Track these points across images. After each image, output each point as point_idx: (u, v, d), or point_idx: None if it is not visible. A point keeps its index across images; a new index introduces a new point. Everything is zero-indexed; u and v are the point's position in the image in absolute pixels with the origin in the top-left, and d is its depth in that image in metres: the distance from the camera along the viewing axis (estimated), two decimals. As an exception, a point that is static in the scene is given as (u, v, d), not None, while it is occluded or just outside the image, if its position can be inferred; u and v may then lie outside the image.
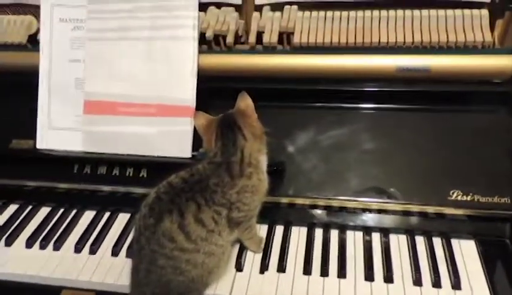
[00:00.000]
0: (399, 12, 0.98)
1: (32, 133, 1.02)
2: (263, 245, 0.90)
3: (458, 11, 0.96)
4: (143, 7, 1.00)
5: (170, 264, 0.77)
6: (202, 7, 1.02)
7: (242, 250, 0.90)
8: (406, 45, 0.96)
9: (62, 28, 1.04)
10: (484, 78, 0.91)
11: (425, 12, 0.97)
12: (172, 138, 0.97)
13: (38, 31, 1.10)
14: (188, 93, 0.97)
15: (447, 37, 0.94)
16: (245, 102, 0.86)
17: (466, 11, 0.95)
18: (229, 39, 1.02)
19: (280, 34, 1.02)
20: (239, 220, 0.83)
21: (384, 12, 0.99)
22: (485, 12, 0.95)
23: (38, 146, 1.02)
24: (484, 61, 0.90)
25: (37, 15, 1.11)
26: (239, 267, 0.87)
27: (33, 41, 1.10)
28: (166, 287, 0.78)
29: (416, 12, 0.97)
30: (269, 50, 1.01)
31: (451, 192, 0.88)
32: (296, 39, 1.00)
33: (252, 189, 0.83)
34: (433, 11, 0.97)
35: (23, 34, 1.11)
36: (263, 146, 0.86)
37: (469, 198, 0.87)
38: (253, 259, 0.89)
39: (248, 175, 0.82)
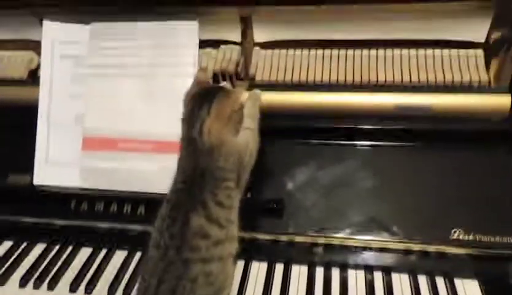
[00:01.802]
0: (397, 51, 1.00)
1: (29, 169, 1.01)
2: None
3: (453, 51, 0.98)
4: (144, 44, 1.01)
5: (205, 271, 0.73)
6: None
7: (242, 289, 0.88)
8: (404, 84, 0.97)
9: (63, 64, 1.05)
10: (483, 117, 0.92)
11: (421, 51, 0.99)
12: (170, 175, 0.96)
13: (39, 66, 1.10)
14: (187, 130, 0.97)
15: (444, 77, 0.96)
16: (237, 88, 0.83)
17: (462, 51, 0.97)
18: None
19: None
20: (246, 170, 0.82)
21: (381, 51, 1.00)
22: (480, 52, 0.97)
23: (35, 182, 1.01)
24: (481, 99, 0.91)
25: (37, 51, 1.11)
26: (239, 307, 0.86)
27: (33, 76, 1.11)
28: None
29: (413, 51, 0.99)
30: (269, 86, 1.02)
31: (452, 230, 0.87)
32: (295, 77, 1.01)
33: (232, 152, 0.80)
34: (429, 51, 0.99)
35: (24, 69, 1.11)
36: (229, 131, 0.82)
37: (471, 237, 0.86)
38: (253, 298, 0.87)
39: (218, 146, 0.79)
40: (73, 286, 0.91)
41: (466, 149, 0.93)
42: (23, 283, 0.92)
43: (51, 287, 0.91)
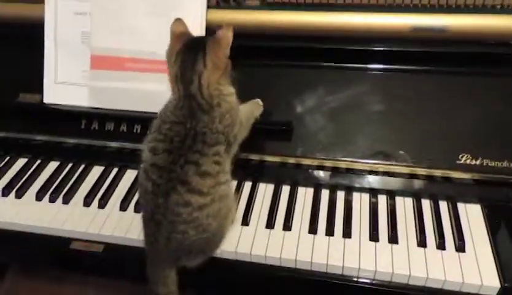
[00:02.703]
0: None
1: (39, 88, 1.02)
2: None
3: (477, -31, 0.92)
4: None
5: (192, 226, 0.77)
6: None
7: (248, 210, 0.91)
8: (422, 3, 0.93)
9: (68, -21, 1.01)
10: (502, 39, 0.88)
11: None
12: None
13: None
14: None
15: (465, -4, 0.91)
16: (225, 33, 0.80)
17: (486, -31, 0.92)
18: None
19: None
20: (237, 140, 0.83)
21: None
22: (506, -30, 0.91)
23: (45, 100, 1.02)
24: (503, 21, 0.87)
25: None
26: (245, 224, 0.89)
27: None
28: (189, 248, 0.79)
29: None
30: (279, 5, 0.98)
31: (460, 155, 0.87)
32: (308, -4, 0.97)
33: (228, 108, 0.80)
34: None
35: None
36: (225, 81, 0.81)
37: (478, 162, 0.86)
38: (258, 217, 0.90)
39: (216, 104, 0.78)
40: (87, 201, 0.94)
41: (478, 74, 0.91)
42: (39, 196, 0.96)
43: (66, 201, 0.95)
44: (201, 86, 0.77)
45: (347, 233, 0.86)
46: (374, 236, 0.85)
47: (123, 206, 0.93)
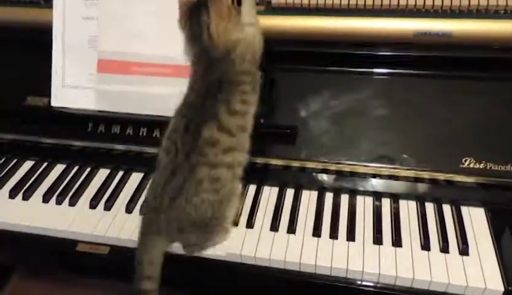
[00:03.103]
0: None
1: (46, 91, 1.03)
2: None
3: (481, -26, 0.93)
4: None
5: (211, 175, 0.78)
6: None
7: (252, 212, 0.92)
8: (426, 8, 0.93)
9: (76, -15, 1.03)
10: (506, 44, 0.88)
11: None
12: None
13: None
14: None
15: (469, 1, 0.91)
16: None
17: (490, -26, 0.92)
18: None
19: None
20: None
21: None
22: (510, -25, 0.92)
23: (52, 104, 1.03)
24: (507, 26, 0.88)
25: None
26: (250, 227, 0.89)
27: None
28: (190, 219, 0.79)
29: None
30: (284, 10, 0.99)
31: (464, 159, 0.87)
32: (312, 1, 0.97)
33: (247, 47, 0.83)
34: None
35: (37, -10, 1.10)
36: (233, 27, 0.83)
37: (481, 165, 0.87)
38: (263, 220, 0.91)
39: (233, 47, 0.82)
40: (93, 203, 0.95)
41: (481, 78, 0.91)
42: (46, 198, 0.97)
43: (72, 203, 0.96)
44: (211, 36, 0.81)
45: (351, 237, 0.86)
46: (378, 240, 0.86)
47: (129, 209, 0.94)
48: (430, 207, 0.91)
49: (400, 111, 0.92)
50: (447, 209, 0.91)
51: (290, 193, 0.96)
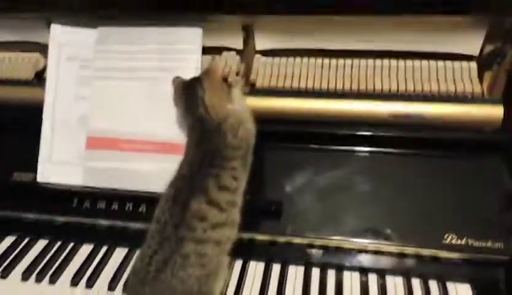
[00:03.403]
0: (393, 62, 1.03)
1: (33, 167, 1.03)
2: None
3: (448, 63, 1.01)
4: (149, 49, 1.04)
5: (198, 251, 0.78)
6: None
7: (238, 290, 0.90)
8: (400, 93, 1.01)
9: (69, 66, 1.07)
10: (475, 126, 0.95)
11: (417, 63, 1.02)
12: (172, 175, 0.98)
13: (45, 68, 1.13)
14: (189, 132, 0.99)
15: (439, 87, 0.99)
16: (213, 61, 0.92)
17: (456, 64, 1.01)
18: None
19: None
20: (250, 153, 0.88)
21: (378, 61, 1.04)
22: (473, 65, 1.00)
23: (38, 179, 1.03)
24: (474, 110, 0.95)
25: (43, 53, 1.14)
26: (236, 306, 0.87)
27: (39, 78, 1.13)
28: (172, 293, 0.78)
29: (409, 62, 1.03)
30: (267, 92, 1.05)
31: (445, 235, 0.90)
32: (294, 84, 1.04)
33: (238, 123, 0.87)
34: (424, 62, 1.02)
35: (30, 70, 1.14)
36: (228, 101, 0.89)
37: (463, 242, 0.89)
38: (250, 298, 0.89)
39: (224, 118, 0.86)
40: (75, 281, 0.92)
41: (459, 157, 0.96)
42: (26, 276, 0.94)
43: (52, 281, 0.93)
44: (206, 107, 0.86)
45: (339, 314, 0.85)
46: (366, 317, 0.85)
47: (112, 287, 0.91)
48: (416, 283, 0.92)
49: (382, 188, 0.96)
50: (433, 285, 0.91)
51: (276, 268, 0.95)
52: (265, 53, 1.10)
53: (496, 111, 0.94)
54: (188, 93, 0.89)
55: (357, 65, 1.04)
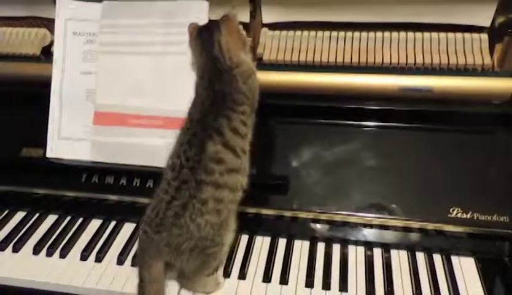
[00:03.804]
0: (402, 34, 1.01)
1: (42, 142, 1.04)
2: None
3: (459, 35, 0.99)
4: (155, 23, 1.03)
5: (216, 196, 0.79)
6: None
7: (245, 263, 0.92)
8: (408, 66, 0.99)
9: (76, 41, 1.07)
10: (484, 99, 0.94)
11: (426, 35, 1.00)
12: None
13: (51, 43, 1.13)
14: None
15: (448, 59, 0.97)
16: (231, 11, 0.91)
17: (467, 35, 0.99)
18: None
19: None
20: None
21: (387, 34, 1.02)
22: (484, 36, 0.98)
23: (47, 155, 1.04)
24: (484, 83, 0.93)
25: (50, 28, 1.14)
26: (242, 278, 0.89)
27: (46, 53, 1.14)
28: (190, 238, 0.79)
29: (418, 34, 1.01)
30: (275, 67, 1.04)
31: (451, 209, 0.90)
32: (302, 58, 1.03)
33: (249, 72, 0.88)
34: (434, 34, 1.00)
35: (37, 46, 1.14)
36: (244, 48, 0.91)
37: (468, 215, 0.89)
38: (255, 271, 0.90)
39: (236, 65, 0.87)
40: (84, 255, 0.94)
41: (466, 131, 0.95)
42: (37, 250, 0.96)
43: (63, 255, 0.95)
44: (222, 48, 0.86)
45: (343, 287, 0.86)
46: (370, 290, 0.86)
47: (120, 260, 0.93)
48: (420, 257, 0.92)
49: (388, 162, 0.95)
50: (437, 258, 0.92)
51: (282, 243, 0.96)
52: (272, 26, 1.09)
53: (506, 84, 0.93)
54: (205, 34, 0.89)
55: (365, 38, 1.03)
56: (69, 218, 1.04)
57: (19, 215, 1.06)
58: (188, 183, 0.79)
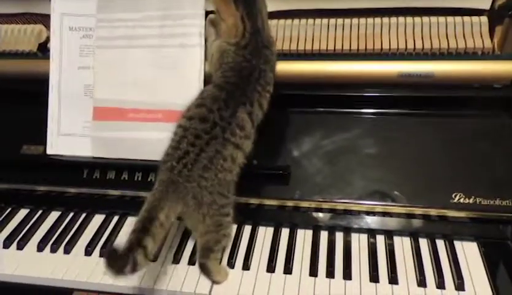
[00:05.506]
0: (401, 19, 1.00)
1: (42, 139, 1.04)
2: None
3: (458, 18, 0.98)
4: (151, 16, 1.02)
5: (232, 155, 0.82)
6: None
7: (248, 254, 0.92)
8: (408, 51, 0.98)
9: (72, 36, 1.06)
10: (485, 83, 0.93)
11: (425, 19, 0.99)
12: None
13: (48, 39, 1.13)
14: (194, 99, 0.99)
15: (448, 44, 0.97)
16: None
17: (466, 18, 0.98)
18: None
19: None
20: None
21: (385, 19, 1.01)
22: (484, 19, 0.97)
23: (48, 152, 1.04)
24: (484, 66, 0.93)
25: (46, 24, 1.13)
26: (246, 268, 0.89)
27: (43, 49, 1.13)
28: (211, 193, 0.81)
29: (417, 19, 1.00)
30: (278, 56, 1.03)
31: (453, 194, 0.90)
32: (300, 46, 1.02)
33: (275, 52, 0.91)
34: (433, 18, 0.99)
35: (33, 42, 1.13)
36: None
37: (471, 200, 0.89)
38: (259, 262, 0.91)
39: (272, 42, 0.90)
40: (88, 250, 0.95)
41: (468, 116, 0.95)
42: (41, 247, 0.96)
43: (67, 251, 0.95)
44: (264, 22, 0.88)
45: (347, 275, 0.87)
46: (374, 277, 0.86)
47: (125, 254, 0.93)
48: (423, 243, 0.92)
49: (389, 149, 0.95)
50: (440, 244, 0.92)
51: (285, 232, 0.96)
52: (270, 15, 1.07)
53: (507, 67, 0.92)
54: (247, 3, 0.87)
55: (363, 24, 1.02)
56: (71, 214, 1.04)
57: (22, 213, 1.06)
58: (217, 139, 0.81)
